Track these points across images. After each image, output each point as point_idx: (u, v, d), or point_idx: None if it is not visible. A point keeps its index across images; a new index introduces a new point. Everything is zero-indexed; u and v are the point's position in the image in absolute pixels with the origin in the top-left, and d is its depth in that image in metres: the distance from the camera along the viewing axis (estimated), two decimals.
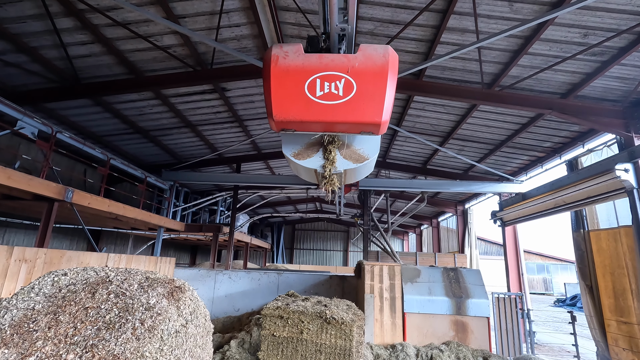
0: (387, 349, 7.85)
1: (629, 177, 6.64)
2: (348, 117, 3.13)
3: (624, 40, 5.49)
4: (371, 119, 3.13)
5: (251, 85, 8.74)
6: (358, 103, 3.12)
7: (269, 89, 3.16)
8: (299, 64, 3.15)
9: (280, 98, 3.12)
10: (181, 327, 2.17)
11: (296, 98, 3.11)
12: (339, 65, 3.14)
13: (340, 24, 3.12)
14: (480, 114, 8.47)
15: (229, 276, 11.50)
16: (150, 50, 7.05)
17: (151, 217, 10.05)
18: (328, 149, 3.54)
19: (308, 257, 29.66)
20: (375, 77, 3.14)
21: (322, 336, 3.50)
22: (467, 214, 15.79)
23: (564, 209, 8.89)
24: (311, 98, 3.10)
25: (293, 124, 3.20)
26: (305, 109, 3.11)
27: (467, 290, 8.50)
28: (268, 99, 3.19)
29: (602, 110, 6.97)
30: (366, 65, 3.16)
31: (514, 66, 6.47)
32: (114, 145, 11.19)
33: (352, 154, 3.53)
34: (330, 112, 3.11)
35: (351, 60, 3.17)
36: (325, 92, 3.12)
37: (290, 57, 3.19)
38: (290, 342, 3.51)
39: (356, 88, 3.13)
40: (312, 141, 3.56)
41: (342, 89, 3.12)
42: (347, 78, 3.13)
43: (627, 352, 7.20)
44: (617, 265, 7.55)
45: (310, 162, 3.50)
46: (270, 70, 3.14)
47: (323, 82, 3.12)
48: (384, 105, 3.15)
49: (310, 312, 3.59)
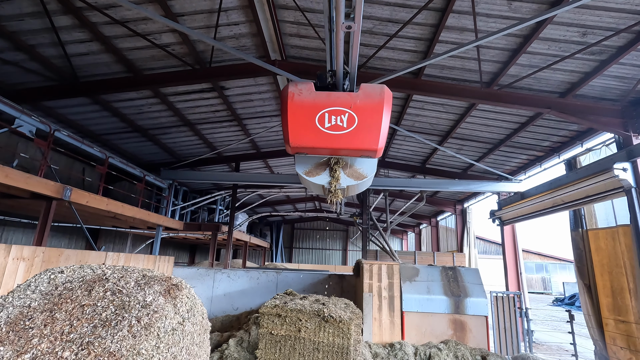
0: (386, 347, 7.86)
1: (627, 176, 6.65)
2: (351, 144, 3.77)
3: (622, 39, 5.49)
4: (370, 147, 3.77)
5: (250, 84, 8.73)
6: (359, 133, 3.75)
7: (287, 121, 3.81)
8: (310, 100, 3.80)
9: (296, 128, 3.77)
10: (178, 324, 2.17)
11: (308, 128, 3.77)
12: (343, 102, 3.77)
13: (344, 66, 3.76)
14: (479, 113, 8.47)
15: (228, 275, 11.49)
16: (149, 49, 7.03)
17: (150, 216, 10.04)
18: (334, 169, 4.21)
19: (307, 256, 29.66)
20: (373, 112, 3.75)
21: (320, 334, 3.50)
22: (466, 213, 15.80)
23: (563, 208, 8.90)
24: (321, 129, 3.76)
25: (305, 149, 3.90)
26: (315, 137, 3.77)
27: (465, 289, 8.50)
28: (285, 128, 3.83)
29: (601, 110, 6.97)
30: (365, 102, 3.77)
31: (513, 65, 6.47)
32: (113, 144, 11.17)
33: (353, 173, 4.22)
34: (336, 141, 3.75)
35: (353, 97, 3.79)
36: (332, 124, 3.77)
37: (304, 94, 3.85)
38: (288, 340, 3.51)
39: (357, 121, 3.76)
40: (321, 162, 4.23)
41: (346, 122, 3.76)
42: (350, 113, 3.76)
43: (625, 350, 7.22)
44: (615, 264, 7.57)
45: (319, 179, 4.17)
46: (287, 105, 3.77)
47: (330, 115, 3.77)
48: (380, 135, 3.76)
49: (308, 311, 3.59)
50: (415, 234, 24.85)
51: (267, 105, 9.88)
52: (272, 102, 9.68)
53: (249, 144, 12.50)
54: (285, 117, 3.87)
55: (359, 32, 3.16)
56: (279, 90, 9.03)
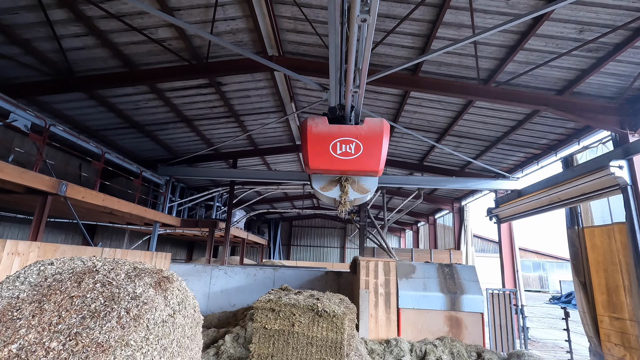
0: (382, 344, 7.88)
1: (623, 173, 6.66)
2: (357, 167, 4.66)
3: (619, 37, 5.49)
4: (372, 168, 4.68)
5: (247, 80, 8.69)
6: (364, 158, 4.65)
7: (307, 149, 4.69)
8: (325, 132, 4.68)
9: (314, 154, 4.66)
10: (168, 316, 2.16)
11: (324, 155, 4.65)
12: (351, 133, 4.70)
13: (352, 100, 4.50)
14: (477, 110, 8.46)
15: (225, 272, 11.50)
16: (145, 44, 6.99)
17: (146, 212, 10.01)
18: (343, 185, 5.09)
19: (305, 253, 29.69)
20: (375, 141, 4.65)
21: (314, 329, 3.50)
22: (464, 211, 15.83)
23: (559, 206, 8.92)
24: (333, 155, 4.66)
25: (321, 171, 4.81)
26: (329, 162, 4.66)
27: (461, 286, 8.53)
28: (305, 154, 4.71)
29: (598, 107, 6.97)
30: (369, 133, 4.69)
31: (510, 62, 6.46)
32: (110, 140, 11.13)
33: (359, 188, 5.13)
34: (346, 164, 4.63)
35: (359, 129, 4.70)
36: (342, 151, 4.67)
37: (320, 126, 4.74)
38: (281, 335, 3.51)
39: (363, 149, 4.67)
40: (333, 180, 5.11)
41: (353, 149, 4.68)
42: (356, 142, 4.68)
43: (619, 347, 7.25)
44: (610, 262, 7.59)
45: (331, 193, 5.09)
46: (307, 136, 4.68)
47: (341, 144, 4.70)
48: (380, 160, 4.64)
49: (302, 305, 3.58)
50: (413, 232, 24.90)
51: (265, 102, 9.86)
52: (269, 98, 9.65)
53: (247, 140, 12.47)
54: (305, 146, 4.74)
55: (372, 34, 3.20)
56: (276, 87, 9.01)
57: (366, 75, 3.97)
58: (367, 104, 9.37)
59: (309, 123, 4.75)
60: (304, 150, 4.75)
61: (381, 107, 9.32)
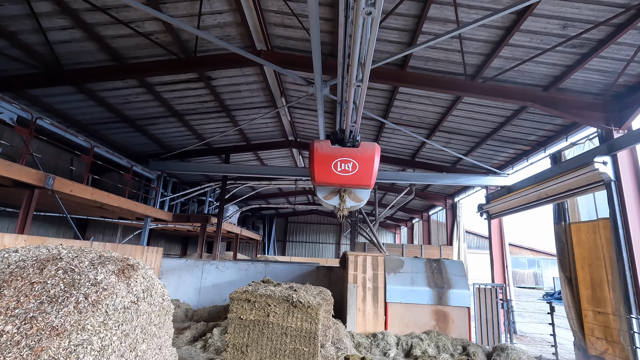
0: (369, 337, 7.96)
1: (607, 169, 6.72)
2: (353, 182, 5.64)
3: (602, 33, 5.51)
4: (366, 183, 5.65)
5: (236, 75, 8.69)
6: (359, 175, 5.62)
7: (313, 166, 5.68)
8: (329, 153, 5.70)
9: (319, 171, 5.64)
10: (131, 303, 2.19)
11: (327, 171, 5.64)
12: (349, 154, 5.70)
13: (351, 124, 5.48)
14: (465, 106, 8.49)
15: (217, 266, 11.56)
16: (132, 37, 6.98)
17: (137, 207, 10.03)
18: (342, 195, 6.11)
19: (300, 249, 29.78)
20: (368, 162, 5.65)
21: (288, 319, 3.55)
22: (457, 207, 15.89)
23: (547, 202, 8.98)
24: (335, 172, 5.66)
25: (324, 184, 5.77)
26: (331, 177, 5.65)
27: (449, 280, 8.60)
28: (312, 170, 5.72)
29: (584, 103, 7.01)
30: (363, 154, 5.69)
31: (496, 57, 6.48)
32: (101, 134, 11.12)
33: (355, 197, 6.18)
34: (344, 179, 5.62)
35: (356, 151, 5.71)
36: (342, 169, 5.67)
37: (324, 148, 5.75)
38: (256, 325, 3.55)
39: (358, 167, 5.66)
40: (334, 190, 6.11)
41: (351, 167, 5.68)
42: (353, 161, 5.69)
43: (602, 341, 7.34)
44: (595, 257, 7.66)
45: (332, 201, 6.15)
46: (314, 156, 5.68)
47: (341, 163, 5.70)
48: (372, 176, 5.65)
49: (278, 296, 3.63)
50: (408, 228, 24.99)
51: (255, 97, 9.85)
52: (259, 93, 9.65)
53: (239, 135, 12.47)
54: (312, 163, 5.76)
55: (376, 27, 3.23)
56: (266, 82, 9.01)
57: (369, 70, 4.02)
58: None
59: (316, 145, 5.80)
60: (311, 167, 5.85)
61: (371, 103, 9.33)
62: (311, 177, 5.95)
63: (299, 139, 13.20)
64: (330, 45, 7.20)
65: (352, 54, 3.77)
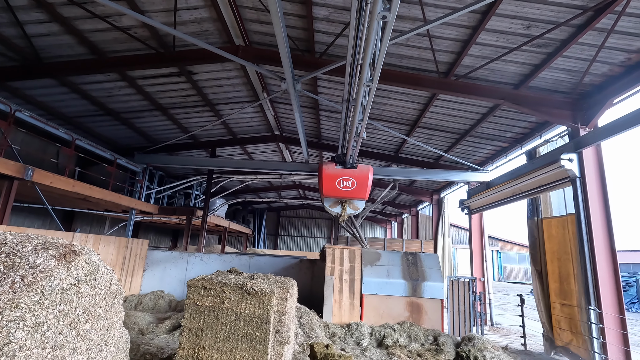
0: (343, 327, 8.18)
1: (573, 166, 6.92)
2: (353, 195, 7.89)
3: (564, 33, 5.67)
4: (362, 196, 7.95)
5: (218, 70, 8.79)
6: (357, 190, 7.87)
7: (322, 182, 7.97)
8: (333, 172, 7.91)
9: (326, 187, 7.89)
10: (71, 285, 2.36)
11: (332, 187, 7.89)
12: (349, 174, 7.91)
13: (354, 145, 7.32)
14: (442, 102, 8.65)
15: (201, 259, 11.73)
16: (110, 31, 7.06)
17: (121, 199, 10.16)
18: (343, 205, 8.30)
19: (292, 243, 30.03)
20: (363, 180, 7.92)
21: (242, 305, 3.72)
22: (442, 202, 16.12)
23: (521, 197, 9.20)
24: (338, 187, 7.91)
25: (330, 196, 7.95)
26: (336, 191, 7.90)
27: (423, 273, 8.82)
28: (321, 186, 8.03)
29: (553, 102, 7.19)
30: (360, 174, 7.93)
31: (466, 55, 6.63)
32: (87, 127, 11.21)
33: (353, 206, 8.37)
34: (345, 193, 7.85)
35: (354, 172, 7.92)
36: (344, 185, 7.90)
37: (330, 169, 7.97)
38: (212, 311, 3.73)
39: (356, 184, 7.92)
40: (337, 201, 8.25)
41: (350, 184, 7.91)
42: (352, 180, 7.91)
43: (567, 332, 7.60)
44: (563, 251, 7.90)
45: (335, 209, 8.41)
46: (322, 175, 7.94)
47: (343, 181, 7.93)
48: (367, 191, 8.00)
49: (233, 284, 3.80)
50: (398, 223, 25.26)
51: (238, 92, 9.97)
52: (242, 88, 9.76)
53: (225, 130, 12.59)
54: (320, 181, 8.06)
55: (390, 30, 3.40)
56: (247, 77, 9.12)
57: (380, 71, 4.27)
58: (338, 95, 9.52)
59: (324, 167, 8.02)
60: (320, 183, 8.06)
61: None
62: (320, 191, 8.16)
63: (284, 133, 13.34)
64: (306, 41, 7.31)
65: (364, 56, 4.10)
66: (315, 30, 6.91)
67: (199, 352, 3.64)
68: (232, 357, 3.63)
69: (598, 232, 6.50)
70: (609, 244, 6.43)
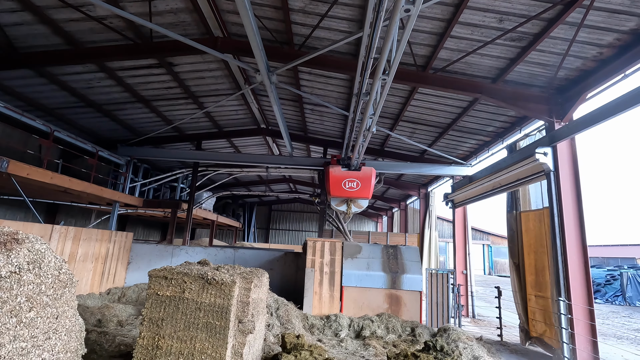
0: (323, 319, 8.26)
1: (547, 160, 6.99)
2: (357, 195, 9.03)
3: (536, 27, 5.69)
4: (366, 196, 9.19)
5: (198, 61, 8.72)
6: (361, 190, 9.05)
7: (329, 184, 9.17)
8: (340, 174, 9.15)
9: (333, 188, 9.06)
10: (11, 273, 2.37)
11: (339, 187, 9.03)
12: (354, 175, 9.14)
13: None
14: (422, 96, 8.66)
15: (186, 252, 11.74)
16: (85, 21, 6.97)
17: (103, 191, 10.11)
18: (349, 203, 9.11)
19: (283, 237, 30.10)
20: (367, 181, 9.14)
21: (203, 295, 3.75)
22: (429, 196, 16.22)
23: (501, 191, 9.29)
24: (344, 188, 9.03)
25: (337, 196, 8.96)
26: (342, 191, 9.03)
27: (403, 266, 8.91)
28: (328, 187, 9.27)
29: (530, 96, 7.24)
30: (364, 176, 9.19)
31: (442, 49, 6.64)
32: (69, 119, 11.09)
33: (357, 205, 9.19)
34: (351, 193, 8.95)
35: (358, 173, 9.14)
36: (349, 186, 9.01)
37: (337, 171, 9.21)
38: (172, 301, 3.76)
39: (360, 185, 9.08)
40: (342, 200, 8.98)
41: (355, 185, 9.01)
42: (357, 181, 9.07)
43: (541, 323, 7.74)
44: (539, 244, 8.00)
45: (341, 208, 9.20)
46: (330, 177, 9.16)
47: (348, 182, 9.05)
48: (370, 191, 9.26)
49: (194, 274, 3.83)
50: (388, 217, 25.40)
51: (221, 84, 9.90)
52: (224, 80, 9.70)
53: (210, 123, 12.52)
54: (328, 182, 9.03)
55: (411, 24, 3.43)
56: (229, 69, 9.06)
57: (397, 66, 4.42)
58: (320, 87, 9.50)
59: (331, 169, 9.05)
60: (327, 185, 9.01)
61: (333, 92, 9.46)
62: (327, 191, 9.15)
63: (270, 126, 13.30)
64: (284, 33, 7.27)
65: (383, 49, 4.21)
66: (292, 22, 6.87)
67: (158, 341, 3.67)
68: (192, 346, 3.66)
69: (570, 225, 6.60)
70: (580, 237, 6.53)
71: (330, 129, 12.47)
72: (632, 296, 18.22)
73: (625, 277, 18.72)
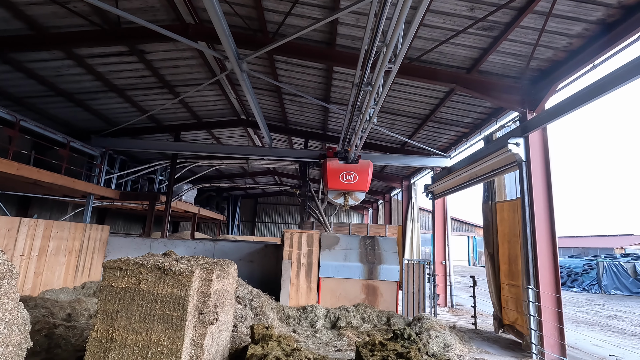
0: (299, 310, 8.26)
1: (520, 150, 7.05)
2: (354, 187, 8.85)
3: (507, 16, 5.67)
4: (363, 189, 8.96)
5: (171, 49, 8.47)
6: (358, 183, 8.87)
7: (326, 177, 8.93)
8: (337, 167, 8.93)
9: (331, 180, 8.83)
10: None
11: (336, 180, 8.83)
12: (352, 168, 8.93)
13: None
14: (399, 86, 8.62)
15: (165, 244, 11.57)
16: (48, 5, 6.67)
17: (75, 183, 9.84)
18: (346, 196, 9.11)
19: (269, 230, 30.02)
20: (364, 174, 8.95)
21: (160, 286, 3.66)
22: (412, 188, 16.30)
23: (477, 181, 9.37)
24: (342, 181, 8.86)
25: (334, 189, 8.83)
26: (339, 184, 8.82)
27: (380, 256, 8.95)
28: (326, 180, 8.96)
29: (503, 87, 7.25)
30: (361, 169, 8.98)
31: (415, 38, 6.58)
32: (39, 109, 10.71)
33: (355, 198, 9.20)
34: (348, 186, 8.76)
35: (356, 166, 8.96)
36: (347, 179, 8.84)
37: (334, 164, 8.99)
38: (128, 292, 3.66)
39: (357, 178, 8.91)
40: (340, 193, 8.96)
41: (352, 178, 8.87)
42: (354, 174, 8.90)
43: (514, 311, 7.88)
44: (513, 234, 8.10)
45: (339, 200, 9.16)
46: (327, 170, 8.91)
47: (346, 175, 8.88)
48: (367, 184, 9.02)
49: (151, 265, 3.73)
50: (373, 210, 25.52)
51: (196, 73, 9.67)
52: (200, 69, 9.47)
53: (189, 113, 12.26)
54: (325, 175, 8.91)
55: (423, 10, 3.34)
56: (204, 57, 8.84)
57: (404, 54, 4.37)
58: (298, 77, 9.37)
59: (329, 162, 8.94)
60: (325, 178, 8.92)
61: (311, 82, 9.34)
62: (325, 184, 9.02)
63: (250, 117, 13.11)
64: (257, 20, 7.10)
65: (392, 36, 4.18)
66: (264, 9, 6.71)
67: (112, 334, 3.58)
68: (148, 337, 3.58)
69: (540, 214, 6.68)
70: (550, 226, 6.63)
71: (310, 120, 12.35)
72: (607, 284, 18.79)
73: (601, 267, 19.27)
